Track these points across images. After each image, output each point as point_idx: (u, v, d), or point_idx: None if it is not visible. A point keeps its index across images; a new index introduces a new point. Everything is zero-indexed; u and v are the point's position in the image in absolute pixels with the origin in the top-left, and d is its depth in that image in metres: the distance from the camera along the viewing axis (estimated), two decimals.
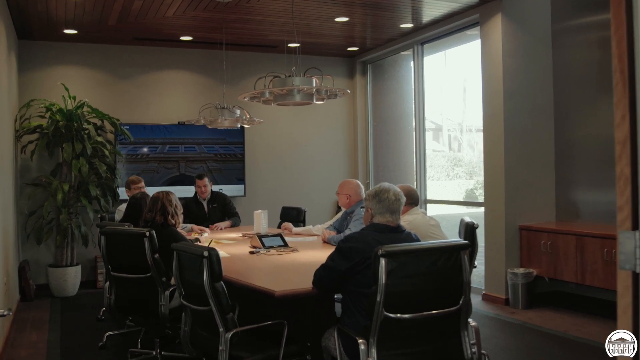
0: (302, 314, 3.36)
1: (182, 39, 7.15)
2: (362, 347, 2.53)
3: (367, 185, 8.28)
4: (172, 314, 3.73)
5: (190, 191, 6.47)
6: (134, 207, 4.75)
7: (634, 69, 1.39)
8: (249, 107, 6.52)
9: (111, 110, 7.08)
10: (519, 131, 5.94)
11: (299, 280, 3.23)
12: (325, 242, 4.76)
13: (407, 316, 2.51)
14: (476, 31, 6.37)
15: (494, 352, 4.38)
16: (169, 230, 3.98)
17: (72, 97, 6.70)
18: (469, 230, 3.87)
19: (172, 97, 7.69)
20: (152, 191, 4.53)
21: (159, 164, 7.49)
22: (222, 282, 2.84)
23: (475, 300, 5.30)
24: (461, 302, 2.61)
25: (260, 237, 4.49)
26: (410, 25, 6.81)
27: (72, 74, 7.19)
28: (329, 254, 2.92)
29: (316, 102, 4.29)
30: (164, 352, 4.09)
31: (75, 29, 6.56)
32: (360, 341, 2.54)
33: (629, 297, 1.43)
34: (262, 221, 5.44)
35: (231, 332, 2.79)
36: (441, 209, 7.90)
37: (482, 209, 6.34)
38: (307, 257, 4.06)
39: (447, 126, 10.49)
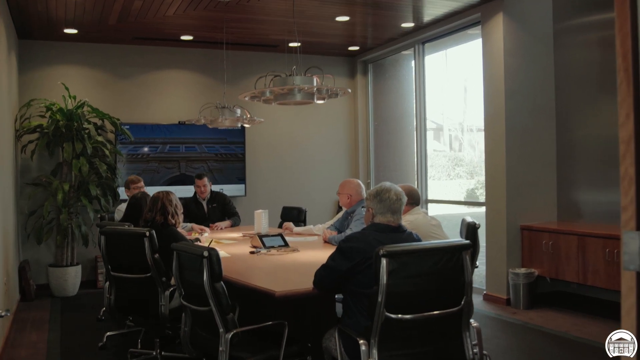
0: (302, 315, 3.34)
1: (183, 38, 7.14)
2: (363, 347, 2.51)
3: (368, 185, 8.27)
4: (172, 314, 3.71)
5: (190, 191, 6.46)
6: (134, 206, 4.74)
7: (638, 68, 1.37)
8: (249, 106, 6.51)
9: (111, 109, 7.07)
10: (520, 131, 5.92)
11: (300, 280, 3.22)
12: (326, 242, 4.75)
13: (408, 317, 2.49)
14: (477, 30, 6.36)
15: (495, 353, 4.36)
16: (169, 230, 3.97)
17: (73, 97, 6.69)
18: (470, 230, 3.85)
19: (172, 97, 7.68)
20: (152, 191, 4.51)
21: (159, 164, 7.47)
22: (222, 283, 2.83)
23: (476, 300, 5.27)
24: (463, 302, 2.60)
25: (260, 237, 4.48)
26: (411, 24, 6.79)
27: (73, 74, 7.18)
28: (329, 254, 2.90)
29: (317, 101, 4.28)
30: (164, 352, 4.07)
31: (75, 29, 6.55)
32: (361, 342, 2.53)
33: (633, 298, 1.41)
34: (262, 221, 5.43)
35: (231, 333, 2.78)
36: (442, 209, 7.88)
37: (483, 209, 6.33)
38: (307, 257, 4.05)
39: (447, 126, 10.47)
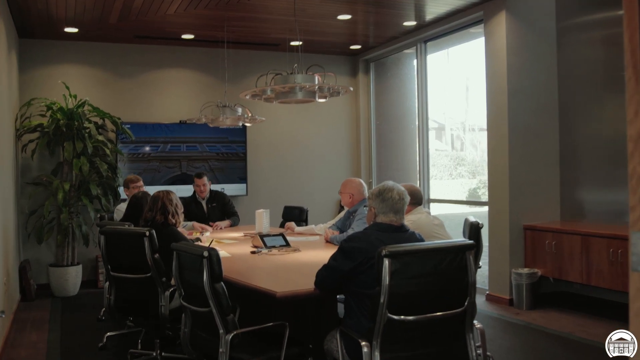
0: (304, 315, 3.31)
1: (184, 37, 7.11)
2: (365, 349, 2.48)
3: (370, 184, 8.23)
4: (172, 315, 3.68)
5: (192, 190, 6.42)
6: (135, 206, 4.71)
7: None
8: (250, 105, 6.48)
9: (112, 109, 7.05)
10: (523, 130, 5.88)
11: (301, 280, 3.18)
12: (327, 241, 4.72)
13: (411, 318, 2.46)
14: (480, 29, 6.32)
15: (498, 354, 4.33)
16: (169, 229, 3.94)
17: (73, 96, 6.66)
18: (473, 230, 3.82)
19: (173, 96, 7.65)
20: (153, 190, 4.48)
21: (160, 163, 7.45)
22: (222, 283, 2.80)
23: (479, 300, 5.24)
24: (466, 303, 2.56)
25: (261, 237, 4.45)
26: (413, 22, 6.76)
27: (73, 73, 7.16)
28: (331, 254, 2.88)
29: (318, 99, 4.25)
30: (164, 353, 4.04)
31: (76, 27, 6.52)
32: (363, 343, 2.49)
33: None
34: (263, 220, 5.40)
35: (231, 334, 2.75)
36: (444, 208, 7.85)
37: (485, 209, 6.30)
38: (309, 257, 4.02)
39: (449, 125, 10.44)
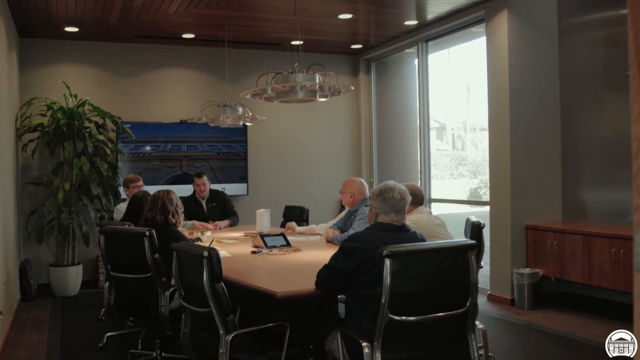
0: (304, 316, 3.29)
1: (184, 36, 7.09)
2: (366, 350, 2.46)
3: (371, 184, 8.21)
4: (172, 315, 3.66)
5: (192, 190, 6.40)
6: (136, 206, 4.69)
7: None
8: (251, 105, 6.45)
9: (113, 108, 7.03)
10: (524, 129, 5.86)
11: (302, 281, 3.16)
12: (328, 241, 4.70)
13: (412, 319, 2.43)
14: (481, 28, 6.30)
15: (499, 354, 4.31)
16: (169, 229, 3.92)
17: (74, 95, 6.65)
18: (475, 229, 3.80)
19: (174, 96, 7.63)
20: (154, 190, 4.45)
21: (161, 163, 7.43)
22: (222, 283, 2.77)
23: (480, 300, 5.21)
24: (468, 304, 2.54)
25: (262, 237, 4.43)
26: (414, 22, 6.74)
27: (74, 72, 7.14)
28: (332, 254, 2.86)
29: (319, 99, 4.23)
30: (164, 353, 4.02)
31: (76, 27, 6.50)
32: (364, 344, 2.47)
33: None
34: (264, 220, 5.38)
35: (232, 335, 2.72)
36: (445, 208, 7.83)
37: (486, 208, 6.28)
38: (310, 257, 3.99)
39: (450, 125, 10.41)
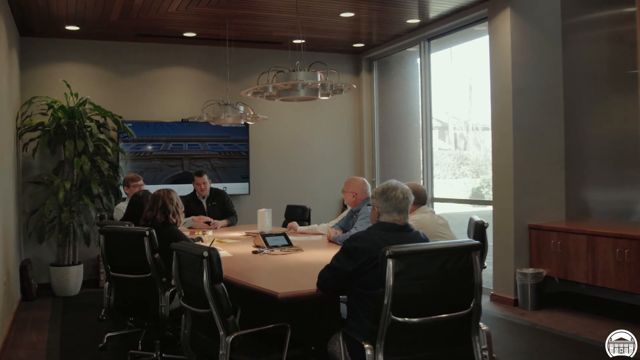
0: (306, 317, 3.25)
1: (186, 35, 7.07)
2: (369, 352, 2.42)
3: (373, 183, 8.17)
4: (172, 316, 3.63)
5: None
6: (136, 205, 4.65)
7: None
8: (253, 104, 6.42)
9: (114, 107, 7.00)
10: (528, 129, 5.82)
11: (303, 281, 3.12)
12: (330, 241, 4.68)
13: (415, 320, 2.39)
14: (483, 27, 6.26)
15: (502, 355, 4.28)
16: (169, 229, 3.89)
17: (74, 94, 6.62)
18: (478, 229, 3.77)
19: (175, 94, 7.61)
20: (155, 189, 4.42)
21: (162, 162, 7.40)
22: (222, 284, 2.74)
23: (483, 301, 5.17)
24: (472, 305, 2.50)
25: (263, 236, 4.39)
26: (417, 20, 6.70)
27: (74, 71, 7.12)
28: (334, 254, 2.82)
29: (321, 97, 4.19)
30: (164, 354, 3.99)
31: (77, 25, 6.48)
32: (366, 346, 2.43)
33: None
34: (265, 220, 5.35)
35: (232, 336, 2.69)
36: (447, 208, 7.79)
37: (489, 208, 6.25)
38: (311, 257, 3.96)
39: (452, 124, 10.37)
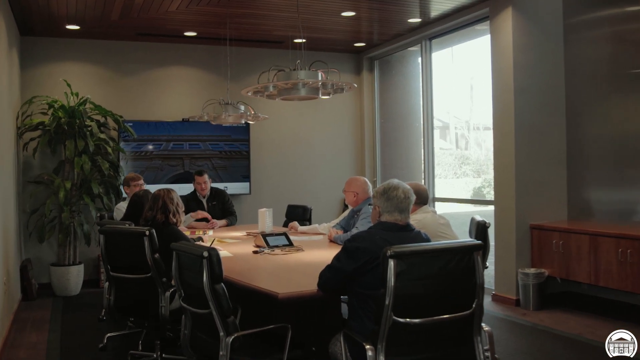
0: (306, 317, 3.22)
1: (186, 34, 7.05)
2: (370, 353, 2.40)
3: (375, 183, 8.15)
4: (173, 316, 3.61)
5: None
6: (136, 204, 4.63)
7: None
8: (254, 103, 6.40)
9: (114, 106, 6.99)
10: (529, 128, 5.80)
11: (304, 281, 3.10)
12: (331, 241, 4.66)
13: (417, 321, 2.37)
14: (485, 26, 6.24)
15: (504, 355, 4.26)
16: (170, 229, 3.87)
17: (75, 94, 6.60)
18: (480, 229, 3.74)
19: (175, 94, 7.59)
20: (155, 189, 4.40)
21: (163, 161, 7.38)
22: (222, 284, 2.72)
23: (484, 301, 5.17)
24: (474, 305, 2.48)
25: (264, 236, 4.38)
26: (418, 19, 6.68)
27: (75, 70, 7.10)
28: (335, 254, 2.80)
29: (322, 96, 4.17)
30: (164, 354, 3.97)
31: (77, 25, 6.46)
32: (367, 347, 2.41)
33: None
34: (266, 219, 5.33)
35: (232, 337, 2.67)
36: (448, 207, 7.77)
37: (490, 207, 6.23)
38: (312, 257, 3.94)
39: (454, 124, 10.35)
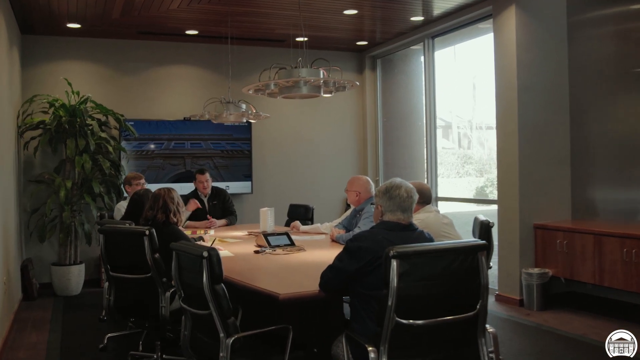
0: (308, 318, 3.19)
1: (187, 33, 7.01)
2: (372, 355, 2.36)
3: (377, 182, 8.12)
4: (173, 316, 3.58)
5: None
6: (137, 203, 4.60)
7: None
8: (255, 102, 6.37)
9: (115, 105, 6.96)
10: (533, 127, 5.75)
11: (305, 282, 3.06)
12: (333, 241, 4.62)
13: (420, 322, 2.33)
14: (488, 24, 6.19)
15: (508, 356, 4.22)
16: (170, 228, 3.83)
17: (76, 93, 6.57)
18: (484, 229, 3.71)
19: (177, 93, 7.56)
20: (156, 188, 4.36)
21: (164, 161, 7.35)
22: (222, 285, 2.68)
23: (488, 301, 5.14)
24: (478, 306, 2.44)
25: (266, 236, 4.34)
26: (420, 18, 6.63)
27: (76, 69, 7.08)
28: (337, 254, 2.76)
29: (323, 94, 4.13)
30: (165, 355, 3.94)
31: (78, 23, 6.43)
32: (370, 349, 2.37)
33: None
34: (268, 219, 5.29)
35: (232, 338, 2.63)
36: (451, 207, 7.73)
37: (493, 207, 6.19)
38: (314, 257, 3.90)
39: (456, 123, 10.31)
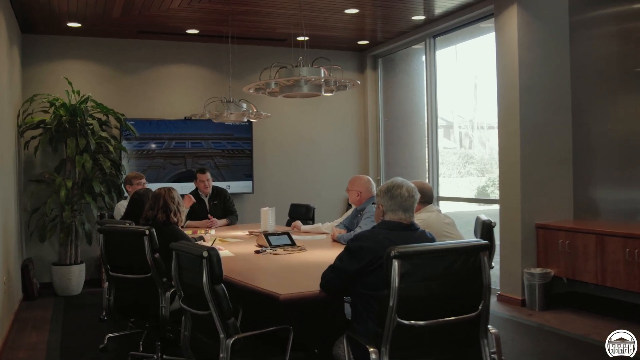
0: (309, 319, 3.17)
1: (188, 32, 7.00)
2: (374, 355, 2.34)
3: (378, 182, 8.09)
4: (173, 316, 3.56)
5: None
6: (137, 203, 4.59)
7: None
8: (256, 101, 6.36)
9: (116, 105, 6.95)
10: (535, 126, 5.73)
11: (306, 282, 3.04)
12: (334, 240, 4.61)
13: (421, 323, 2.31)
14: (490, 24, 6.17)
15: (510, 356, 4.20)
16: (170, 228, 3.81)
17: (76, 92, 6.56)
18: (486, 228, 3.69)
19: (177, 92, 7.54)
20: (156, 188, 4.34)
21: (165, 160, 7.34)
22: (222, 285, 2.66)
23: (490, 301, 5.12)
24: (480, 307, 2.42)
25: (266, 236, 4.32)
26: (422, 17, 6.61)
27: (76, 68, 7.06)
28: (338, 254, 2.74)
29: (324, 93, 4.11)
30: (165, 355, 3.92)
31: (78, 22, 6.42)
32: (371, 349, 2.36)
33: None
34: (269, 219, 5.28)
35: (232, 339, 2.61)
36: (452, 206, 7.72)
37: (494, 207, 6.18)
38: (315, 256, 3.89)
39: (457, 123, 10.30)
